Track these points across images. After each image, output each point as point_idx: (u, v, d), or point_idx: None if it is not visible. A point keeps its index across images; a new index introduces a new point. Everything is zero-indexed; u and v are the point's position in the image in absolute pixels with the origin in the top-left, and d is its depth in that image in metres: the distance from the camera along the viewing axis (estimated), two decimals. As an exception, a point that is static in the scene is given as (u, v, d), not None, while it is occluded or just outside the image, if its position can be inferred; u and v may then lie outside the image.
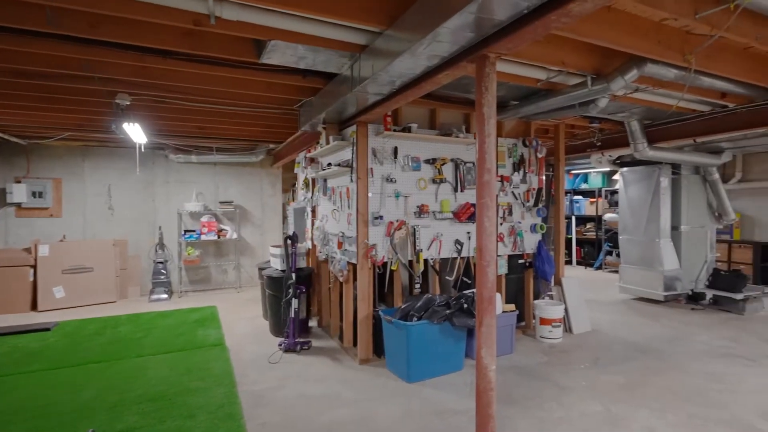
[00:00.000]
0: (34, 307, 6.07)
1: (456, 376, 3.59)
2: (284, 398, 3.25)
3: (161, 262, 6.88)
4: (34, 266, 6.10)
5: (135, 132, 4.77)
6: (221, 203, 7.50)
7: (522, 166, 4.63)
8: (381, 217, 3.91)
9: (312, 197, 5.34)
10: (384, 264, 4.00)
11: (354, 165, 3.89)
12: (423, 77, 2.73)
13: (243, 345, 4.48)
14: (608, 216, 9.08)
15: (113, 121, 4.55)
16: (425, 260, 4.13)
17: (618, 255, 7.34)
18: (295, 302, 4.33)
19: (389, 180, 3.96)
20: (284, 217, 8.16)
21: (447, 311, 3.58)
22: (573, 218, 10.07)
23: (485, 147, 2.31)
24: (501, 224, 4.50)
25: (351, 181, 3.98)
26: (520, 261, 4.72)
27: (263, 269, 5.19)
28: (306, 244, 5.52)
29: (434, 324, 3.52)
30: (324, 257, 4.84)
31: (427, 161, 4.14)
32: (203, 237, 7.20)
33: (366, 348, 3.93)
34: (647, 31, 2.71)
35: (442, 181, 4.19)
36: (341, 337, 4.43)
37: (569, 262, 10.00)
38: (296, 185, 6.36)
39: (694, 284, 6.31)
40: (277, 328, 4.66)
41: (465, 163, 4.30)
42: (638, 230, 6.41)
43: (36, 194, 6.53)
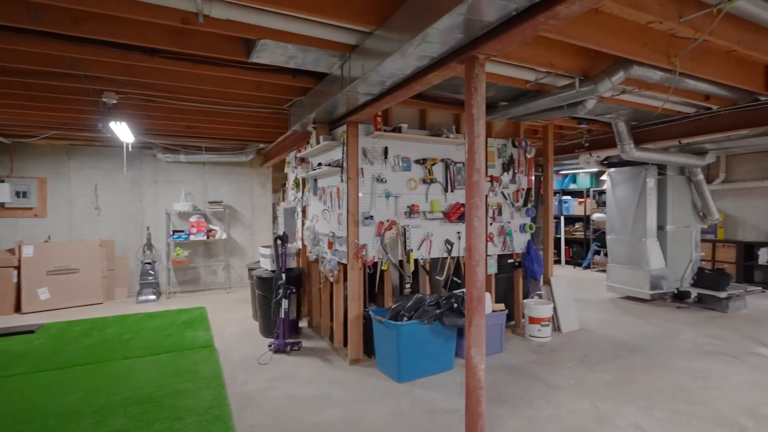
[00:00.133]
0: (18, 309, 5.95)
1: (446, 376, 3.61)
2: (274, 399, 3.23)
3: (149, 263, 6.79)
4: (18, 267, 5.98)
5: (122, 131, 4.70)
6: (210, 203, 7.44)
7: (511, 167, 4.67)
8: (371, 217, 3.91)
9: (302, 197, 5.32)
10: (374, 264, 4.00)
11: (344, 165, 3.88)
12: (413, 77, 2.73)
13: (232, 346, 4.44)
14: (596, 216, 9.20)
15: (100, 120, 4.49)
16: (416, 260, 4.14)
17: (606, 254, 7.44)
18: (285, 303, 4.30)
19: (380, 180, 3.96)
20: (274, 217, 8.11)
21: (437, 311, 3.59)
22: (562, 218, 10.18)
23: (475, 147, 2.33)
24: (491, 224, 4.53)
25: (341, 181, 3.97)
26: (510, 261, 4.76)
27: (253, 270, 5.16)
28: (296, 245, 5.49)
29: (424, 324, 3.53)
30: (314, 257, 4.83)
31: (418, 161, 4.15)
32: (192, 237, 7.13)
33: (356, 348, 3.92)
34: (633, 34, 2.75)
35: (433, 182, 4.20)
36: (332, 338, 4.42)
37: (558, 262, 10.10)
38: (286, 185, 6.33)
39: (680, 283, 6.42)
40: (267, 329, 4.63)
41: (455, 164, 4.32)
42: (625, 230, 6.50)
43: (20, 194, 6.40)
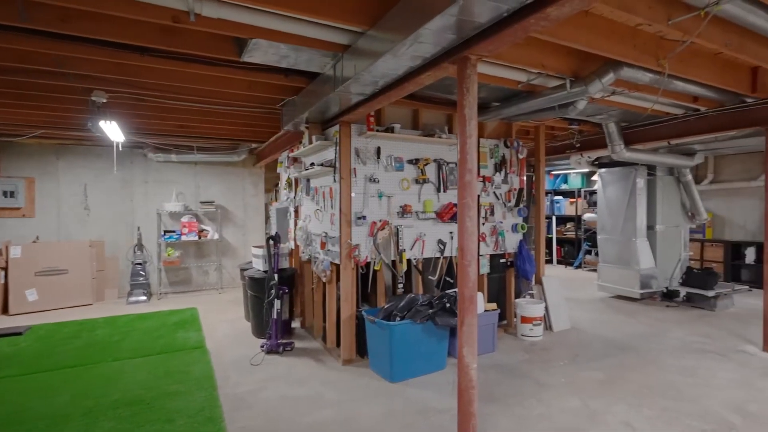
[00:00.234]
0: (5, 311, 5.86)
1: (439, 375, 3.62)
2: (266, 400, 3.21)
3: (140, 264, 6.73)
4: (5, 268, 5.89)
5: (112, 130, 4.65)
6: (202, 203, 7.38)
7: (503, 167, 4.69)
8: (364, 217, 3.91)
9: (295, 197, 5.30)
10: (367, 264, 4.00)
11: (337, 165, 3.88)
12: (405, 78, 2.74)
13: (224, 347, 4.42)
14: (587, 216, 9.28)
15: (89, 119, 4.43)
16: (408, 260, 4.15)
17: (597, 254, 7.51)
18: (278, 303, 4.29)
19: (372, 180, 3.96)
20: (267, 218, 8.07)
21: (430, 311, 3.60)
22: (553, 218, 10.26)
23: (466, 148, 2.34)
24: (483, 224, 4.56)
25: (334, 181, 3.97)
26: (502, 260, 4.78)
27: (245, 270, 5.13)
28: (289, 245, 5.47)
29: (417, 323, 3.53)
30: (307, 258, 4.81)
31: (410, 161, 4.16)
32: (184, 237, 7.07)
33: (349, 348, 3.92)
34: (623, 36, 2.79)
35: (425, 182, 4.21)
36: (324, 338, 4.41)
37: (550, 261, 10.18)
38: (279, 185, 6.30)
39: (669, 282, 6.50)
40: (260, 330, 4.61)
41: (448, 164, 4.33)
42: (616, 230, 6.57)
43: (7, 194, 6.30)
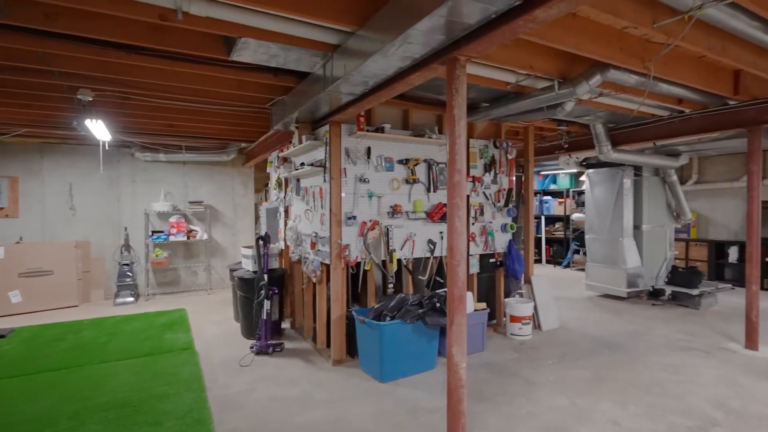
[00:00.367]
0: (-13, 313, 5.75)
1: (429, 375, 3.63)
2: (255, 402, 3.20)
3: (127, 264, 6.63)
4: (-13, 270, 5.77)
5: (98, 129, 4.58)
6: (191, 203, 7.31)
7: (493, 167, 4.73)
8: (354, 217, 3.91)
9: (285, 197, 5.28)
10: (357, 264, 4.00)
11: (327, 165, 3.87)
12: (395, 78, 2.75)
13: (213, 348, 4.38)
14: (575, 216, 9.39)
15: (75, 118, 4.36)
16: (398, 260, 4.15)
17: (585, 254, 7.60)
18: (268, 304, 4.27)
19: (362, 180, 3.96)
20: (257, 218, 8.02)
21: (420, 310, 3.61)
22: (542, 218, 10.36)
23: (456, 148, 2.35)
24: (473, 224, 4.59)
25: (324, 181, 3.96)
26: (492, 260, 4.82)
27: (235, 270, 5.09)
28: (279, 245, 5.45)
29: (407, 323, 3.54)
30: (297, 258, 4.80)
31: (401, 161, 4.16)
32: (172, 238, 6.99)
33: (339, 349, 3.91)
34: (610, 39, 2.83)
35: (415, 182, 4.23)
36: (314, 339, 4.40)
37: (539, 261, 10.28)
38: (269, 185, 6.26)
39: (655, 281, 6.60)
40: (249, 331, 4.58)
41: (438, 164, 4.35)
42: (603, 229, 6.65)
43: (-11, 193, 6.18)
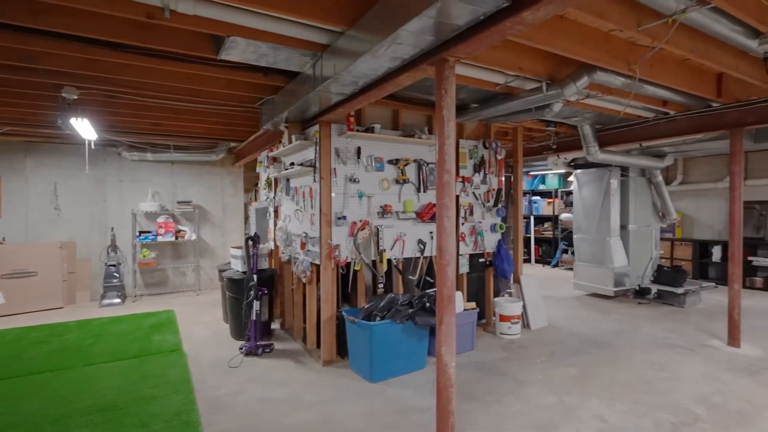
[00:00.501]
0: (-31, 316, 5.62)
1: (419, 375, 3.64)
2: (245, 403, 3.18)
3: (114, 265, 6.53)
4: (-31, 271, 5.64)
5: (84, 128, 4.51)
6: (179, 203, 7.23)
7: (482, 168, 4.76)
8: (344, 218, 3.90)
9: (274, 197, 5.25)
10: (347, 264, 4.00)
11: (317, 165, 3.86)
12: (385, 78, 2.75)
13: (202, 350, 4.34)
14: (564, 216, 9.50)
15: (59, 116, 4.29)
16: (389, 260, 4.16)
17: (573, 253, 7.69)
18: (257, 304, 4.24)
19: (352, 180, 3.96)
20: (246, 218, 7.97)
21: (410, 310, 3.62)
22: (531, 218, 10.45)
23: (445, 148, 2.37)
24: (463, 224, 4.61)
25: (314, 181, 3.95)
26: (481, 260, 4.85)
27: (224, 271, 5.05)
28: (268, 245, 5.42)
29: (397, 323, 3.55)
30: (287, 258, 4.78)
31: (391, 162, 4.17)
32: (160, 238, 6.91)
33: (329, 349, 3.91)
34: (597, 41, 2.87)
35: (405, 182, 4.24)
36: (304, 339, 4.38)
37: (528, 261, 10.37)
38: (258, 185, 6.23)
39: (641, 280, 6.71)
40: (238, 332, 4.55)
41: (428, 164, 4.37)
42: (591, 229, 6.74)
43: (-30, 193, 6.04)
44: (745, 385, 3.38)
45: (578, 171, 7.04)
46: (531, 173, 10.64)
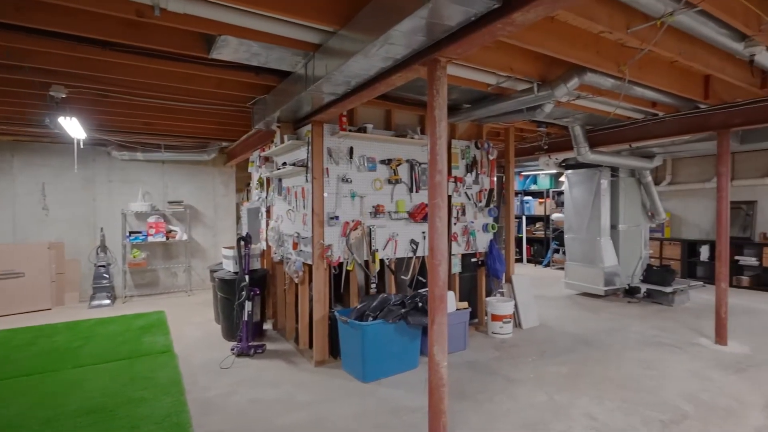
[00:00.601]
0: (-46, 318, 5.52)
1: (411, 374, 3.65)
2: (236, 404, 3.16)
3: (103, 266, 6.46)
4: (-46, 272, 5.54)
5: (72, 127, 4.45)
6: (170, 203, 7.17)
7: (474, 168, 4.78)
8: (337, 218, 3.90)
9: (267, 197, 5.22)
10: (340, 264, 4.00)
11: (309, 165, 3.85)
12: (377, 78, 2.75)
13: (193, 351, 4.31)
14: (555, 216, 9.57)
15: (47, 115, 4.23)
16: (381, 260, 4.16)
17: (564, 253, 7.76)
18: (249, 305, 4.22)
19: (345, 180, 3.96)
20: (238, 218, 7.92)
21: (402, 310, 3.63)
22: (523, 218, 10.52)
23: (437, 149, 2.37)
24: (455, 224, 4.63)
25: (306, 181, 3.94)
26: (473, 260, 4.87)
27: (215, 271, 5.02)
28: (260, 245, 5.39)
29: (389, 323, 3.55)
30: (279, 258, 4.76)
31: (383, 162, 4.17)
32: (150, 239, 6.84)
33: (322, 349, 3.90)
34: (587, 43, 2.90)
35: (398, 182, 4.24)
36: (297, 340, 4.37)
37: (520, 260, 10.44)
38: (250, 185, 6.19)
39: (631, 279, 6.79)
40: (230, 332, 4.52)
41: (420, 164, 4.38)
42: (581, 229, 6.80)
43: (-45, 193, 5.93)
44: (732, 383, 3.43)
45: (569, 171, 7.10)
46: (523, 173, 10.71)
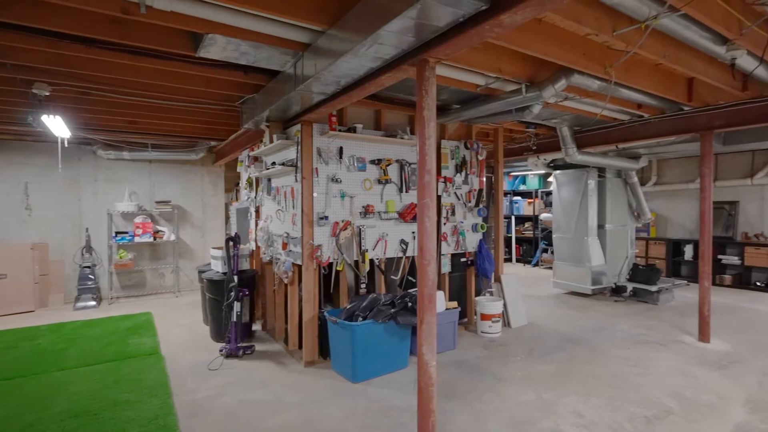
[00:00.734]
0: (-68, 321, 5.37)
1: (401, 374, 3.66)
2: (225, 406, 3.13)
3: (88, 267, 6.35)
4: (-68, 274, 5.40)
5: (56, 125, 4.37)
6: (157, 203, 7.07)
7: (464, 168, 4.81)
8: (326, 218, 3.89)
9: (256, 197, 5.19)
10: (329, 264, 3.98)
11: (299, 164, 3.84)
12: (366, 78, 2.75)
13: (181, 352, 4.26)
14: (544, 216, 9.66)
15: (30, 113, 4.14)
16: (371, 260, 4.16)
17: (552, 252, 7.84)
18: (237, 306, 4.18)
19: (334, 180, 3.95)
20: (227, 218, 7.85)
21: (392, 310, 3.63)
22: (512, 218, 10.61)
23: (426, 149, 2.38)
24: (444, 224, 4.65)
25: (296, 181, 3.92)
26: (463, 259, 4.90)
27: (203, 272, 4.96)
28: (249, 246, 5.35)
29: (379, 323, 3.55)
30: (268, 259, 4.73)
31: (373, 162, 4.17)
32: (137, 239, 6.74)
33: (311, 350, 3.89)
34: (574, 45, 2.93)
35: (388, 182, 4.24)
36: (286, 340, 4.35)
37: (509, 260, 10.52)
38: (239, 184, 6.14)
39: (617, 278, 6.89)
40: (219, 334, 4.48)
41: (410, 164, 4.39)
42: (569, 229, 6.88)
43: (-66, 192, 5.78)
44: (715, 379, 3.51)
45: (557, 172, 7.18)
46: (512, 174, 10.80)
